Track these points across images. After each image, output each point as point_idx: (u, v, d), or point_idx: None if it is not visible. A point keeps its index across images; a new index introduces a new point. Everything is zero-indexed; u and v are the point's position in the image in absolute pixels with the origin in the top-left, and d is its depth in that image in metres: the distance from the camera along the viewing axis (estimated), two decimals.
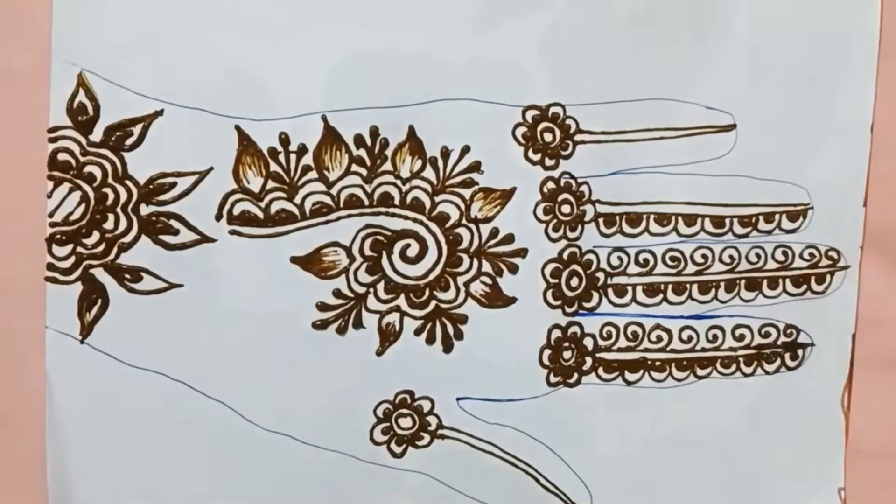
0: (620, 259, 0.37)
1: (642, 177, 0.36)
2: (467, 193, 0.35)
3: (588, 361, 0.37)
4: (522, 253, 0.35)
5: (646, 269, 0.37)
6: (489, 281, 0.35)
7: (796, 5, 0.36)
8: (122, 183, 0.33)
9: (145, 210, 0.33)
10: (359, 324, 0.35)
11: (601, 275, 0.36)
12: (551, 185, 0.35)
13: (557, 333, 0.36)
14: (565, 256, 0.36)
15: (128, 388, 0.34)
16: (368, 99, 0.34)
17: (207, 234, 0.34)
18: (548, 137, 0.35)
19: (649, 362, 0.37)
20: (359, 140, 0.34)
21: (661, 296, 0.37)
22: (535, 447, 0.36)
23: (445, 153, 0.35)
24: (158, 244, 0.34)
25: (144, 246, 0.33)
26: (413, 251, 0.35)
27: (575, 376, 0.36)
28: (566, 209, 0.36)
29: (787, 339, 0.38)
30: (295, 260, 0.34)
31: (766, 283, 0.37)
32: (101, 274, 0.33)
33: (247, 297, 0.34)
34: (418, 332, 0.35)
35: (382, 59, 0.34)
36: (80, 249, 0.33)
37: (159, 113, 0.33)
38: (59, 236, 0.33)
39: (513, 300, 0.35)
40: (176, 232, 0.34)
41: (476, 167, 0.35)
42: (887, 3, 0.37)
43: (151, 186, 0.33)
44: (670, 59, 0.36)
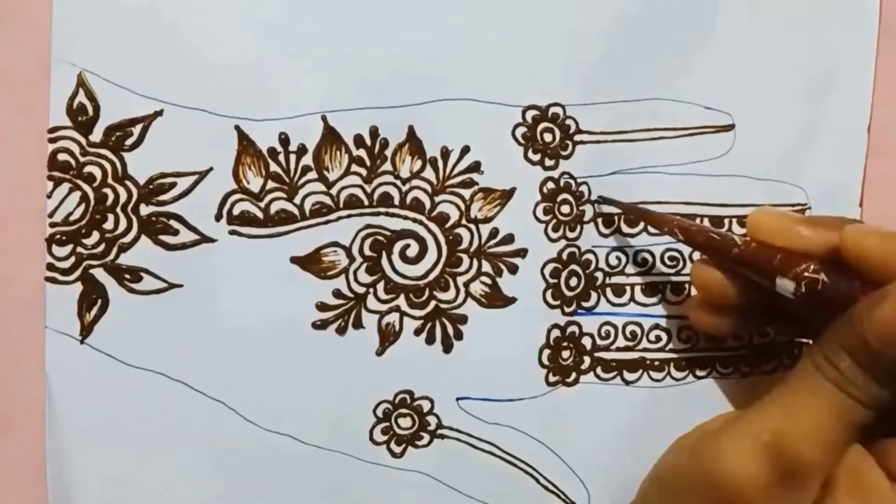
0: (619, 259, 0.37)
1: (641, 177, 0.36)
2: (467, 193, 0.35)
3: (587, 361, 0.37)
4: (522, 253, 0.36)
5: (644, 269, 0.37)
6: (489, 281, 0.35)
7: (795, 5, 0.37)
8: (122, 183, 0.33)
9: (145, 210, 0.33)
10: (359, 324, 0.35)
11: (600, 274, 0.37)
12: (551, 186, 0.35)
13: (556, 333, 0.36)
14: (564, 256, 0.36)
15: (128, 388, 0.33)
16: (368, 99, 0.34)
17: (207, 235, 0.34)
18: (548, 137, 0.35)
19: (648, 362, 0.37)
20: (358, 140, 0.34)
21: (660, 295, 0.37)
22: (535, 447, 0.36)
23: (445, 153, 0.35)
24: (158, 244, 0.33)
25: (144, 246, 0.33)
26: (413, 251, 0.35)
27: (573, 376, 0.36)
28: (566, 209, 0.36)
29: (785, 339, 0.38)
30: (295, 260, 0.34)
31: None
32: (101, 274, 0.33)
33: (247, 298, 0.34)
34: (418, 332, 0.35)
35: (382, 59, 0.34)
36: (80, 249, 0.33)
37: (159, 113, 0.33)
38: (59, 236, 0.33)
39: (512, 300, 0.36)
40: (176, 232, 0.34)
41: (476, 167, 0.35)
42: (886, 4, 0.37)
43: (151, 186, 0.33)
44: (670, 59, 0.36)
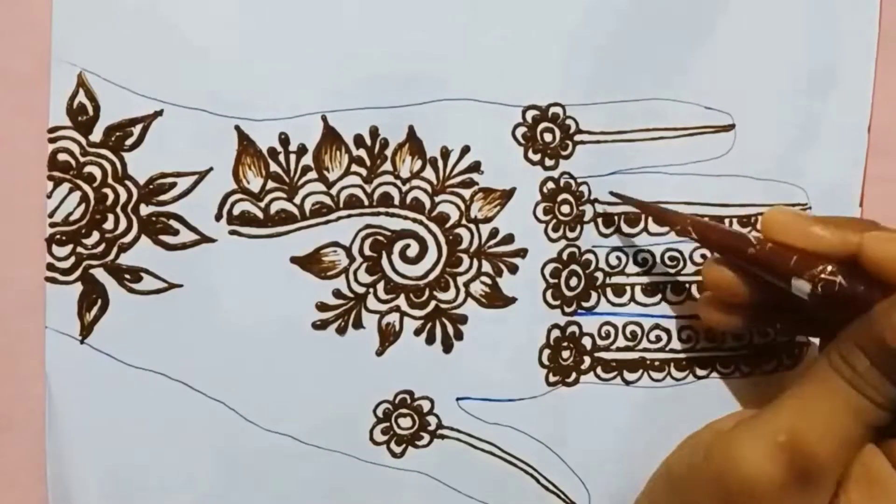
0: (619, 259, 0.37)
1: (641, 177, 0.36)
2: (467, 193, 0.35)
3: (587, 361, 0.37)
4: (522, 253, 0.35)
5: (644, 269, 0.37)
6: (489, 281, 0.35)
7: (794, 5, 0.37)
8: (122, 183, 0.33)
9: (145, 210, 0.33)
10: (359, 324, 0.35)
11: (600, 274, 0.37)
12: (551, 186, 0.35)
13: (556, 333, 0.36)
14: (565, 256, 0.36)
15: (128, 388, 0.33)
16: (368, 99, 0.34)
17: (207, 235, 0.34)
18: (548, 137, 0.35)
19: (648, 362, 0.37)
20: (359, 140, 0.34)
21: (660, 295, 0.37)
22: (535, 447, 0.36)
23: (445, 153, 0.35)
24: (158, 244, 0.33)
25: (144, 246, 0.33)
26: (413, 251, 0.35)
27: (573, 376, 0.36)
28: (566, 209, 0.36)
29: (786, 339, 0.38)
30: (295, 260, 0.34)
31: None
32: (101, 274, 0.33)
33: (246, 298, 0.34)
34: (418, 333, 0.35)
35: (382, 59, 0.34)
36: (80, 249, 0.33)
37: (159, 113, 0.33)
38: (59, 236, 0.33)
39: (512, 300, 0.35)
40: (176, 232, 0.34)
41: (476, 167, 0.35)
42: (886, 4, 0.37)
43: (151, 186, 0.33)
44: (670, 59, 0.36)
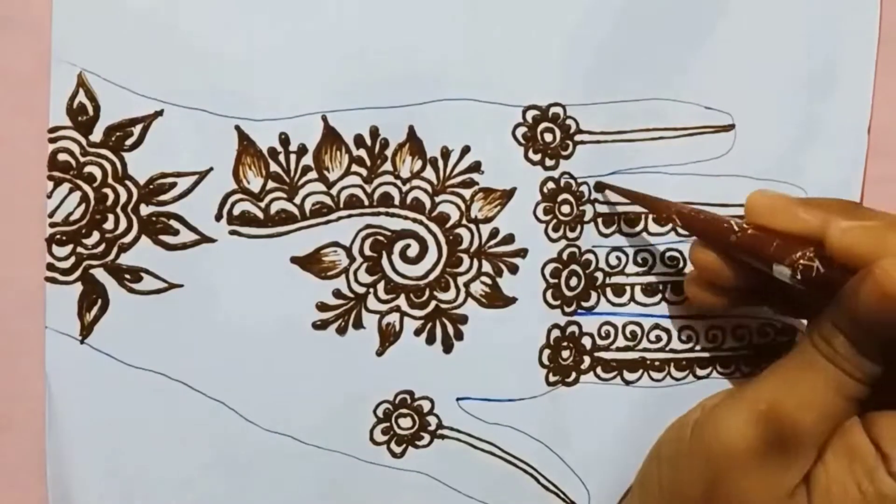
0: (619, 259, 0.37)
1: (642, 177, 0.36)
2: (467, 193, 0.35)
3: (586, 361, 0.37)
4: (522, 253, 0.35)
5: (645, 269, 0.37)
6: (489, 281, 0.35)
7: (794, 5, 0.37)
8: (122, 183, 0.33)
9: (145, 210, 0.33)
10: (359, 324, 0.35)
11: (600, 274, 0.37)
12: (551, 186, 0.35)
13: (556, 333, 0.36)
14: (565, 256, 0.36)
15: (128, 388, 0.34)
16: (368, 99, 0.34)
17: (207, 235, 0.34)
18: (548, 137, 0.35)
19: (648, 362, 0.37)
20: (359, 140, 0.34)
21: (660, 295, 0.37)
22: (535, 447, 0.36)
23: (445, 153, 0.35)
24: (158, 244, 0.33)
25: (144, 246, 0.33)
26: (413, 251, 0.35)
27: (573, 375, 0.36)
28: (566, 209, 0.36)
29: (786, 339, 0.38)
30: (295, 260, 0.34)
31: None
32: (101, 274, 0.33)
33: (247, 298, 0.34)
34: (418, 333, 0.35)
35: (382, 59, 0.34)
36: (80, 249, 0.33)
37: (159, 113, 0.33)
38: (59, 236, 0.33)
39: (513, 300, 0.35)
40: (176, 232, 0.34)
41: (476, 167, 0.35)
42: (886, 4, 0.37)
43: (151, 186, 0.33)
44: (670, 59, 0.36)
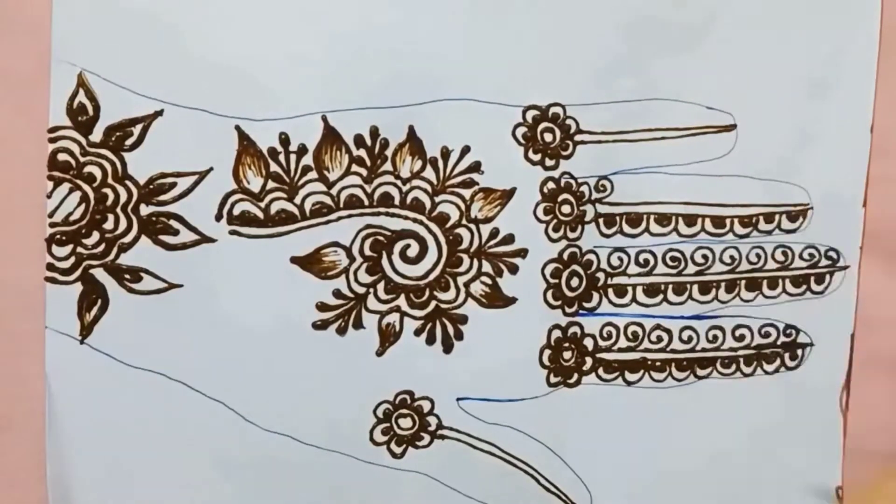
0: (621, 259, 0.37)
1: (642, 177, 0.36)
2: (467, 193, 0.35)
3: (588, 361, 0.37)
4: (522, 253, 0.35)
5: (646, 270, 0.37)
6: (489, 281, 0.35)
7: (796, 5, 0.36)
8: (122, 183, 0.33)
9: (145, 210, 0.33)
10: (359, 324, 0.35)
11: (601, 275, 0.36)
12: (551, 186, 0.35)
13: (557, 333, 0.36)
14: (565, 257, 0.36)
15: (128, 388, 0.34)
16: (368, 99, 0.34)
17: (207, 235, 0.34)
18: (548, 137, 0.35)
19: (649, 362, 0.37)
20: (359, 140, 0.34)
21: (662, 296, 0.37)
22: (535, 447, 0.36)
23: (445, 153, 0.35)
24: (158, 244, 0.34)
25: (144, 246, 0.33)
26: (413, 251, 0.35)
27: (575, 376, 0.36)
28: (566, 209, 0.36)
29: (787, 339, 0.38)
30: (295, 260, 0.34)
31: (766, 284, 0.37)
32: (101, 274, 0.33)
33: (247, 298, 0.34)
34: (418, 333, 0.35)
35: (382, 59, 0.34)
36: (80, 249, 0.33)
37: (159, 113, 0.33)
38: (59, 236, 0.33)
39: (513, 300, 0.35)
40: (176, 232, 0.34)
41: (476, 167, 0.35)
42: (887, 3, 0.37)
43: (151, 186, 0.33)
44: (670, 59, 0.36)
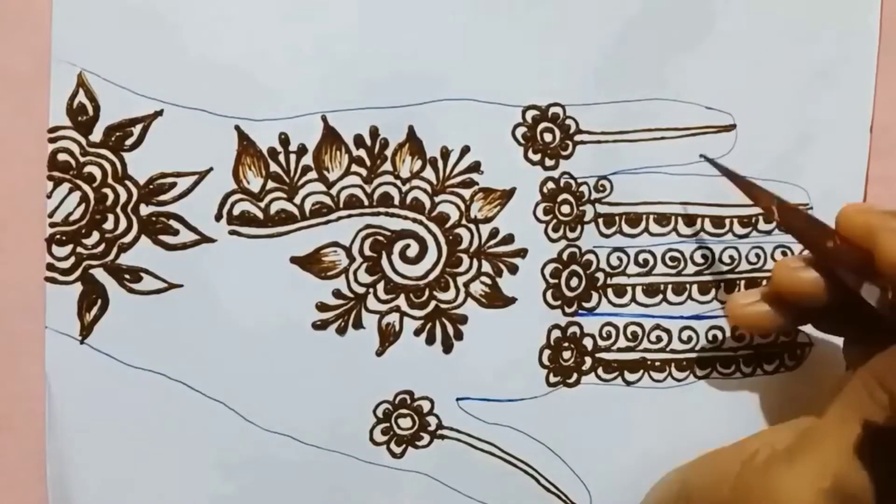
0: (620, 259, 0.37)
1: (642, 177, 0.36)
2: (467, 193, 0.35)
3: (588, 361, 0.37)
4: (522, 253, 0.35)
5: (645, 270, 0.37)
6: (489, 281, 0.35)
7: (795, 4, 0.36)
8: (122, 183, 0.33)
9: (145, 210, 0.33)
10: (359, 324, 0.35)
11: (601, 275, 0.36)
12: (551, 186, 0.35)
13: (557, 333, 0.36)
14: (565, 257, 0.36)
15: (128, 388, 0.33)
16: (368, 99, 0.34)
17: (207, 235, 0.34)
18: (548, 137, 0.35)
19: (649, 362, 0.37)
20: (359, 140, 0.34)
21: (661, 296, 0.37)
22: (535, 447, 0.36)
23: (445, 153, 0.35)
24: (158, 244, 0.33)
25: (144, 246, 0.33)
26: (413, 251, 0.35)
27: (574, 376, 0.36)
28: (566, 209, 0.36)
29: (786, 339, 0.38)
30: (295, 260, 0.34)
31: (766, 283, 0.37)
32: (101, 274, 0.33)
33: (246, 298, 0.34)
34: (418, 333, 0.35)
35: (382, 59, 0.34)
36: (80, 250, 0.33)
37: (159, 113, 0.33)
38: (59, 236, 0.33)
39: (512, 300, 0.35)
40: (176, 232, 0.34)
41: (476, 167, 0.35)
42: (887, 2, 0.37)
43: (151, 186, 0.33)
44: (670, 59, 0.36)
